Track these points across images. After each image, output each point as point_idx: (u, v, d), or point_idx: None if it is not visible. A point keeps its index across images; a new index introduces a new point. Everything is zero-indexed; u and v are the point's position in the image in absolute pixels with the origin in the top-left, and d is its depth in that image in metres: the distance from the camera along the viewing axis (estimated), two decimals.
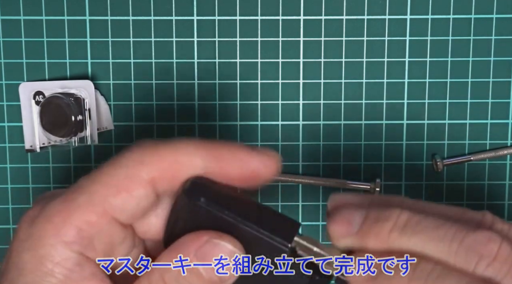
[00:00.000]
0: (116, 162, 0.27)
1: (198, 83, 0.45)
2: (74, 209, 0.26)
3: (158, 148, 0.27)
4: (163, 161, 0.26)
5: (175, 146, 0.27)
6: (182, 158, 0.26)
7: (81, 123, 0.44)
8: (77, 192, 0.26)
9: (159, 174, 0.26)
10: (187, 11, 0.45)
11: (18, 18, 0.45)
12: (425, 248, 0.26)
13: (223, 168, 0.27)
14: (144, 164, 0.26)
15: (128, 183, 0.26)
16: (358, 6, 0.45)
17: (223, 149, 0.27)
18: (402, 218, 0.26)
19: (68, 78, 0.45)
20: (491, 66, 0.45)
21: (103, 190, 0.26)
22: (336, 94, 0.45)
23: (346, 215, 0.27)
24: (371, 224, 0.27)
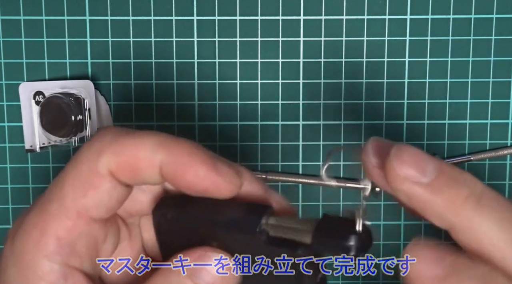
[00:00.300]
0: (77, 157, 0.26)
1: (198, 83, 0.45)
2: (49, 219, 0.26)
3: (118, 139, 0.26)
4: (121, 154, 0.25)
5: (136, 139, 0.26)
6: (141, 154, 0.26)
7: (81, 123, 0.44)
8: (48, 200, 0.26)
9: (117, 167, 0.26)
10: (187, 11, 0.45)
11: (18, 18, 0.45)
12: (493, 234, 0.22)
13: (178, 175, 0.26)
14: (101, 157, 0.25)
15: (91, 179, 0.26)
16: (358, 6, 0.45)
17: (181, 152, 0.26)
18: (479, 188, 0.23)
19: (68, 78, 0.45)
20: (491, 66, 0.45)
21: (71, 192, 0.26)
22: (336, 94, 0.45)
23: (420, 159, 0.23)
24: (447, 181, 0.23)
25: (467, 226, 0.22)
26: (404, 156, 0.23)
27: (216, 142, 0.46)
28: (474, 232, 0.22)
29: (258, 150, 0.46)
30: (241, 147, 0.46)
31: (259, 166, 0.46)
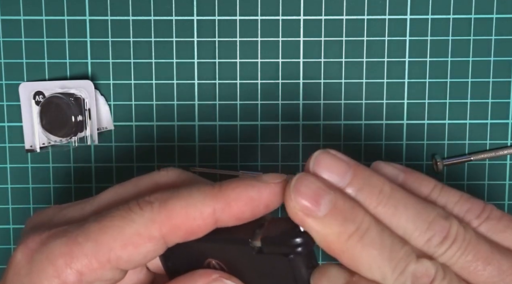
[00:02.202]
0: (127, 216, 0.26)
1: (198, 83, 0.45)
2: (79, 255, 0.26)
3: (169, 202, 0.26)
4: (174, 218, 0.26)
5: (187, 199, 0.26)
6: (194, 214, 0.26)
7: (81, 123, 0.44)
8: (83, 236, 0.26)
9: (170, 231, 0.26)
10: (187, 11, 0.45)
11: (18, 18, 0.45)
12: (373, 264, 0.25)
13: (234, 214, 0.26)
14: (155, 223, 0.26)
15: (137, 239, 0.26)
16: (358, 6, 0.45)
17: (231, 194, 0.26)
18: (366, 224, 0.25)
19: (68, 78, 0.45)
20: (491, 66, 0.45)
21: (111, 242, 0.26)
22: (336, 94, 0.45)
23: (316, 192, 0.25)
24: (337, 217, 0.25)
25: (350, 258, 0.25)
26: (302, 188, 0.25)
27: (216, 142, 0.46)
28: (357, 264, 0.25)
29: (258, 150, 0.46)
30: (241, 147, 0.46)
31: (259, 166, 0.46)
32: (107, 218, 0.26)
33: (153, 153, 0.46)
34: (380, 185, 0.26)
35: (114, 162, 0.46)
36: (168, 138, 0.46)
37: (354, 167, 0.26)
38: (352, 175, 0.26)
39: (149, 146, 0.46)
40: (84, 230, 0.26)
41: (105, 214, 0.27)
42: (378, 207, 0.25)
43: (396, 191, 0.26)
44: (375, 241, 0.25)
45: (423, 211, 0.25)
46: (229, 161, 0.46)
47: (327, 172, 0.26)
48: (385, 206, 0.25)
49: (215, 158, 0.46)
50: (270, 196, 0.26)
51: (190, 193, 0.26)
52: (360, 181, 0.26)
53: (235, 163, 0.46)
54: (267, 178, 0.27)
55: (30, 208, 0.46)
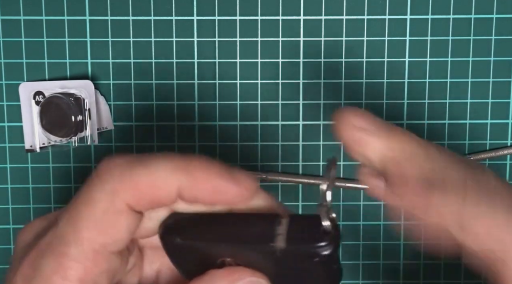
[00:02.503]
0: (88, 196, 0.25)
1: (198, 83, 0.45)
2: (69, 265, 0.25)
3: (132, 170, 0.25)
4: (138, 187, 0.25)
5: (150, 168, 0.25)
6: (159, 182, 0.25)
7: (81, 123, 0.44)
8: (64, 244, 0.25)
9: (135, 200, 0.25)
10: (187, 11, 0.45)
11: (18, 18, 0.45)
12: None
13: (196, 196, 0.25)
14: (117, 195, 0.25)
15: (109, 218, 0.25)
16: (358, 6, 0.45)
17: (199, 172, 0.25)
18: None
19: (68, 78, 0.45)
20: (491, 66, 0.45)
21: (88, 234, 0.25)
22: (336, 94, 0.45)
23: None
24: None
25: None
26: (353, 116, 0.27)
27: (216, 142, 0.46)
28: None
29: (258, 150, 0.46)
30: (241, 147, 0.46)
31: (259, 166, 0.46)
32: (73, 211, 0.25)
33: None
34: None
35: None
36: (168, 138, 0.46)
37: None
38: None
39: (149, 146, 0.46)
40: (62, 237, 0.25)
41: (71, 206, 0.26)
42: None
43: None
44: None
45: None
46: (229, 161, 0.46)
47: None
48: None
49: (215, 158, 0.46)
50: (237, 196, 0.26)
51: (157, 162, 0.25)
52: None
53: (235, 163, 0.46)
54: (241, 177, 0.26)
55: (30, 208, 0.46)
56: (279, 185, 0.46)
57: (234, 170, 0.26)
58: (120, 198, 0.25)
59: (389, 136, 0.26)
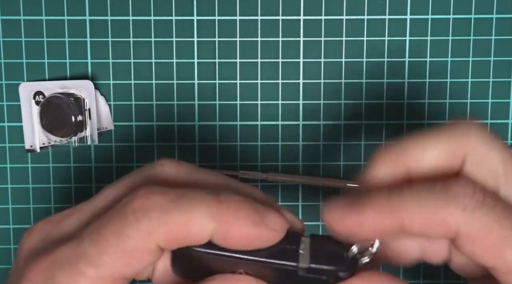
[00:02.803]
0: (121, 230, 0.25)
1: (198, 83, 0.45)
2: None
3: (168, 214, 0.25)
4: (173, 232, 0.25)
5: (187, 213, 0.25)
6: (193, 229, 0.25)
7: (81, 123, 0.44)
8: (84, 263, 0.25)
9: (167, 243, 0.25)
10: (187, 11, 0.45)
11: (18, 18, 0.45)
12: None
13: (228, 240, 0.26)
14: (152, 236, 0.25)
15: (137, 254, 0.25)
16: (358, 6, 0.45)
17: (235, 223, 0.25)
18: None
19: (68, 78, 0.45)
20: (491, 66, 0.45)
21: (112, 263, 0.25)
22: (336, 94, 0.46)
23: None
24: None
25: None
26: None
27: (216, 142, 0.46)
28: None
29: (258, 150, 0.46)
30: (241, 147, 0.46)
31: (259, 166, 0.46)
32: (102, 237, 0.25)
33: (153, 153, 0.46)
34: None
35: (114, 162, 0.46)
36: (168, 138, 0.46)
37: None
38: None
39: (149, 146, 0.46)
40: (84, 256, 0.26)
41: (100, 230, 0.26)
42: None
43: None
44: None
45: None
46: (229, 161, 0.46)
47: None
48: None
49: (215, 158, 0.46)
50: (269, 242, 0.26)
51: (193, 207, 0.25)
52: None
53: (235, 163, 0.46)
54: (274, 223, 0.26)
55: (30, 208, 0.46)
56: (279, 185, 0.46)
57: (267, 212, 0.26)
58: (153, 240, 0.25)
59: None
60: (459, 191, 0.26)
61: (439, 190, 0.26)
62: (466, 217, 0.25)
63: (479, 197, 0.26)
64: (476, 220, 0.25)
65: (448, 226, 0.25)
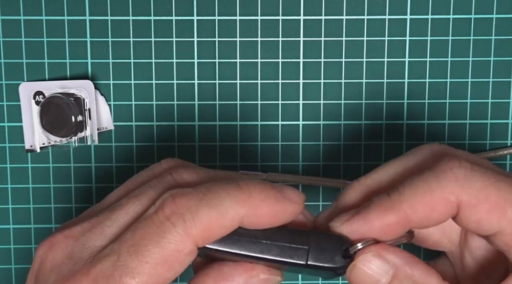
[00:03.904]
0: (159, 236, 0.26)
1: (198, 83, 0.45)
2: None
3: (201, 212, 0.26)
4: (209, 229, 0.26)
5: (218, 208, 0.26)
6: (226, 221, 0.26)
7: (81, 123, 0.44)
8: (127, 276, 0.26)
9: (204, 240, 0.26)
10: (187, 11, 0.45)
11: (18, 18, 0.45)
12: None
13: (256, 221, 0.27)
14: (191, 237, 0.26)
15: (178, 258, 0.26)
16: (358, 6, 0.45)
17: (261, 205, 0.27)
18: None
19: (68, 78, 0.45)
20: (491, 66, 0.45)
21: (155, 269, 0.26)
22: (336, 94, 0.45)
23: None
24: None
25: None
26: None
27: (216, 142, 0.46)
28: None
29: (258, 150, 0.46)
30: (241, 147, 0.46)
31: (259, 166, 0.46)
32: (141, 247, 0.26)
33: (153, 153, 0.46)
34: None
35: (114, 162, 0.46)
36: (168, 138, 0.46)
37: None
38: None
39: (149, 146, 0.46)
40: (126, 269, 0.26)
41: (137, 241, 0.26)
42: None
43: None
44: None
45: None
46: (229, 161, 0.46)
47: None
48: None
49: (215, 158, 0.46)
50: (293, 214, 0.28)
51: (221, 199, 0.26)
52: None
53: (235, 163, 0.46)
54: (292, 196, 0.28)
55: (30, 208, 0.46)
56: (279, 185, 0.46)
57: (284, 188, 0.28)
58: (192, 240, 0.26)
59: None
60: (445, 167, 0.27)
61: (428, 174, 0.27)
62: (461, 186, 0.27)
63: (466, 165, 0.27)
64: (471, 186, 0.27)
65: (448, 201, 0.27)
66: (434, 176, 0.27)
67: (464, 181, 0.27)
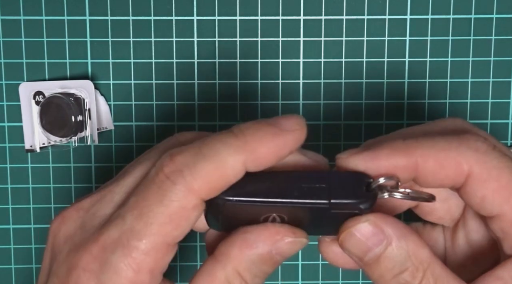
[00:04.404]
0: (162, 195, 0.26)
1: (198, 83, 0.45)
2: (142, 258, 0.26)
3: (199, 167, 0.26)
4: (210, 181, 0.26)
5: (217, 160, 0.26)
6: (228, 171, 0.26)
7: (81, 123, 0.44)
8: (135, 239, 0.26)
9: (208, 193, 0.26)
10: (187, 11, 0.45)
11: (18, 18, 0.45)
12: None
13: (261, 162, 0.27)
14: (193, 191, 0.26)
15: (183, 214, 0.26)
16: (358, 6, 0.45)
17: (259, 145, 0.26)
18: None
19: (68, 78, 0.45)
20: (491, 66, 0.45)
21: (162, 229, 0.26)
22: (336, 94, 0.46)
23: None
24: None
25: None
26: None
27: None
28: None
29: None
30: None
31: None
32: (145, 209, 0.26)
33: None
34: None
35: (114, 162, 0.46)
36: None
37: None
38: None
39: (149, 146, 0.46)
40: (132, 232, 0.26)
41: (141, 203, 0.26)
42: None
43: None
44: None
45: None
46: None
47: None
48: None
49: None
50: (296, 142, 0.27)
51: (216, 150, 0.26)
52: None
53: None
54: (289, 125, 0.27)
55: (30, 208, 0.46)
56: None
57: (278, 119, 0.27)
58: (195, 195, 0.26)
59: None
60: (471, 137, 0.27)
61: (451, 136, 0.27)
62: (478, 157, 0.27)
63: (489, 143, 0.27)
64: (488, 161, 0.27)
65: (460, 166, 0.27)
66: (456, 140, 0.27)
67: (482, 154, 0.27)
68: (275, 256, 0.28)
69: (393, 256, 0.27)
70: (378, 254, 0.27)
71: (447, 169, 0.27)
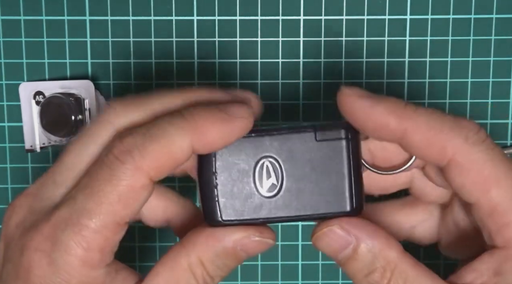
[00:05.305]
0: (110, 174, 0.26)
1: (198, 83, 0.45)
2: (92, 236, 0.27)
3: (149, 147, 0.26)
4: (159, 161, 0.27)
5: (166, 140, 0.27)
6: (176, 151, 0.27)
7: (81, 123, 0.44)
8: (84, 217, 0.27)
9: (157, 173, 0.27)
10: (187, 11, 0.45)
11: (18, 18, 0.45)
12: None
13: (209, 143, 0.27)
14: (141, 171, 0.26)
15: (132, 194, 0.27)
16: (358, 6, 0.45)
17: (207, 128, 0.27)
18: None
19: (68, 78, 0.45)
20: (491, 66, 0.45)
21: (111, 208, 0.27)
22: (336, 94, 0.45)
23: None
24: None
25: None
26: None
27: None
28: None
29: None
30: None
31: None
32: (95, 188, 0.27)
33: None
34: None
35: None
36: None
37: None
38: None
39: None
40: (83, 211, 0.27)
41: (92, 183, 0.27)
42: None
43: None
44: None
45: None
46: None
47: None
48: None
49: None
50: (243, 129, 0.28)
51: (164, 131, 0.27)
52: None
53: None
54: (238, 112, 0.28)
55: None
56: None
57: (229, 106, 0.28)
58: (143, 174, 0.26)
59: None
60: (466, 124, 0.28)
61: (449, 119, 0.28)
62: (465, 147, 0.27)
63: (482, 135, 0.27)
64: (473, 153, 0.27)
65: (444, 150, 0.27)
66: (451, 123, 0.28)
67: (470, 145, 0.27)
68: (240, 252, 0.28)
69: (362, 258, 0.28)
70: (348, 256, 0.28)
71: (431, 148, 0.28)
